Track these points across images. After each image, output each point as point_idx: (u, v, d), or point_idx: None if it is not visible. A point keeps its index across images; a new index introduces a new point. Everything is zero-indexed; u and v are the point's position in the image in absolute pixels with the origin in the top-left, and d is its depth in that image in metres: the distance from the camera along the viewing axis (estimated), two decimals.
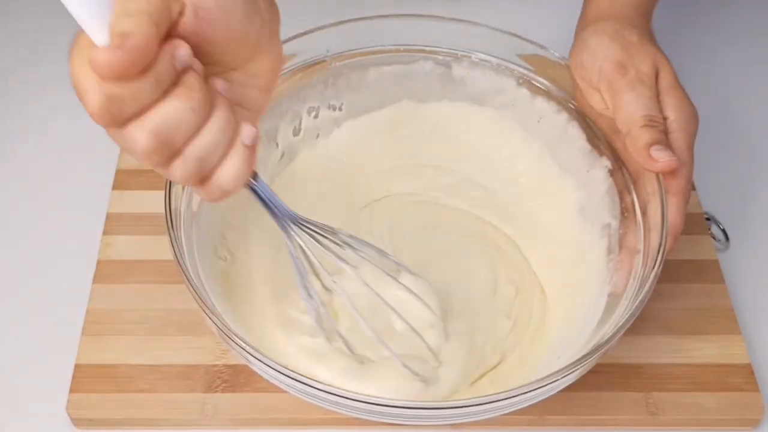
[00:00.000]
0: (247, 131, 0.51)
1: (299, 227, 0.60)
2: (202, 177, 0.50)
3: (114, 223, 0.77)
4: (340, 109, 0.78)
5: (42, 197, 0.81)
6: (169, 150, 0.48)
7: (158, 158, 0.48)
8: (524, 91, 0.76)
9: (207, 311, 0.59)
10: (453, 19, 0.76)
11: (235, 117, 0.50)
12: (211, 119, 0.49)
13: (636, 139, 0.65)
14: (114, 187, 0.79)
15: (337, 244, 0.62)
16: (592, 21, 0.71)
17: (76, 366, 0.68)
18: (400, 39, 0.77)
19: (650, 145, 0.64)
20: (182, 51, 0.47)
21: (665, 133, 0.65)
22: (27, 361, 0.70)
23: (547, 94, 0.76)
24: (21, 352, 0.71)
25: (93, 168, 0.82)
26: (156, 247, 0.74)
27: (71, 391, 0.67)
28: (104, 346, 0.69)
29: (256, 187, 0.57)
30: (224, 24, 0.49)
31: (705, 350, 0.70)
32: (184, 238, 0.64)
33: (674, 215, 0.65)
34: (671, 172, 0.64)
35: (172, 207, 0.63)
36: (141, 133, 0.47)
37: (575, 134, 0.74)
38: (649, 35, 0.71)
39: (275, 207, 0.58)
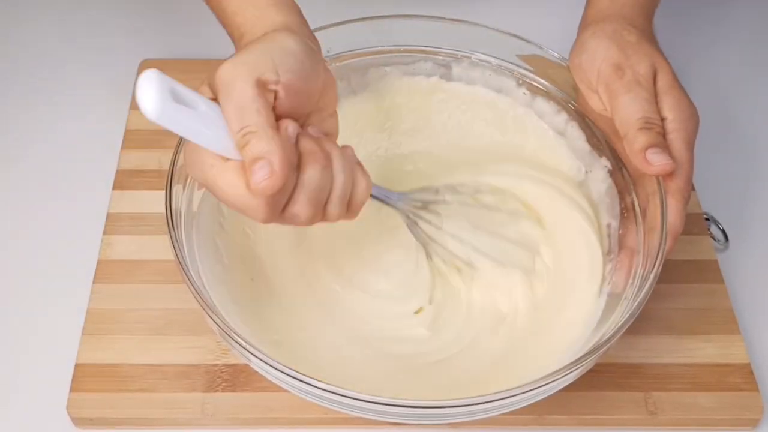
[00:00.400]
0: (352, 152, 0.60)
1: (407, 204, 0.69)
2: (348, 206, 0.59)
3: (114, 223, 0.77)
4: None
5: (42, 197, 0.81)
6: (320, 206, 0.57)
7: (317, 217, 0.57)
8: (524, 92, 0.76)
9: (208, 311, 0.59)
10: (453, 20, 0.76)
11: (340, 148, 0.58)
12: (333, 162, 0.57)
13: (632, 142, 0.65)
14: (114, 187, 0.79)
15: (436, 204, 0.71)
16: (593, 21, 0.71)
17: (77, 365, 0.68)
18: (400, 39, 0.77)
19: (646, 148, 0.64)
20: (291, 128, 0.56)
21: (663, 134, 0.65)
22: (27, 361, 0.71)
23: (547, 95, 0.76)
24: (21, 352, 0.71)
25: (93, 168, 0.82)
26: (156, 247, 0.74)
27: (71, 390, 0.67)
28: (105, 345, 0.69)
29: (372, 192, 0.64)
30: (304, 88, 0.57)
31: (704, 350, 0.70)
32: (185, 238, 0.64)
33: (674, 216, 0.65)
34: (668, 174, 0.64)
35: (173, 207, 0.64)
36: (299, 209, 0.56)
37: (575, 134, 0.75)
38: (649, 35, 0.71)
39: (388, 198, 0.67)
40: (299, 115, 0.58)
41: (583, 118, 0.74)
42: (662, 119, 0.66)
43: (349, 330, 0.69)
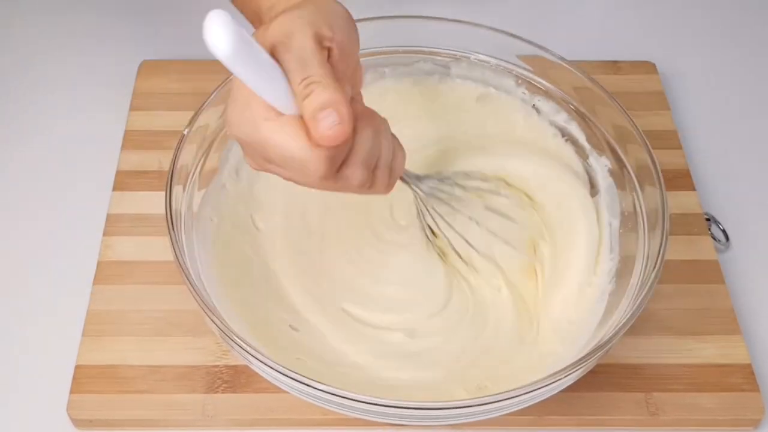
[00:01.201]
0: (388, 124, 0.58)
1: (423, 183, 0.69)
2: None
3: (114, 224, 0.77)
4: None
5: (42, 198, 0.81)
6: (371, 171, 0.56)
7: (369, 181, 0.57)
8: (523, 91, 0.76)
9: (208, 312, 0.59)
10: (452, 20, 0.76)
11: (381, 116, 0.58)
12: (381, 128, 0.57)
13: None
14: (114, 188, 0.79)
15: (450, 187, 0.72)
16: None
17: (77, 367, 0.68)
18: (399, 40, 0.77)
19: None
20: (348, 88, 0.55)
21: None
22: (28, 362, 0.71)
23: (546, 94, 0.76)
24: (22, 353, 0.71)
25: (93, 169, 0.82)
26: (156, 248, 0.74)
27: (72, 391, 0.67)
28: (105, 346, 0.69)
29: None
30: (353, 52, 0.57)
31: (705, 350, 0.70)
32: (185, 239, 0.64)
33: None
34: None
35: (173, 208, 0.64)
36: (354, 171, 0.55)
37: (575, 134, 0.75)
38: None
39: (407, 177, 0.66)
40: (344, 82, 0.56)
41: (582, 117, 0.74)
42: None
43: (352, 331, 0.69)
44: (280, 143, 0.52)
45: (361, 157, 0.55)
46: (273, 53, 0.52)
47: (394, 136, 0.59)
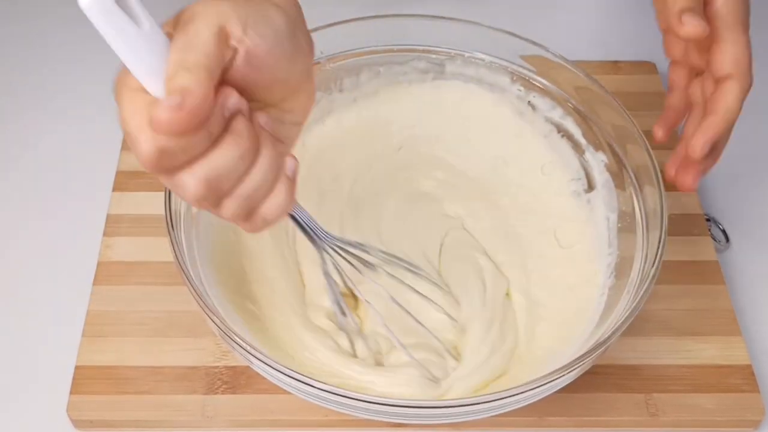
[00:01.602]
0: (290, 164, 0.52)
1: (333, 249, 0.64)
2: (250, 212, 0.51)
3: (114, 225, 0.77)
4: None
5: (42, 199, 0.81)
6: (218, 194, 0.49)
7: (208, 203, 0.50)
8: (518, 88, 0.77)
9: (208, 312, 0.59)
10: (447, 19, 0.76)
11: (279, 155, 0.51)
12: (258, 160, 0.50)
13: (673, 5, 0.62)
14: (114, 189, 0.79)
15: (366, 261, 0.67)
16: None
17: (77, 367, 0.68)
18: (393, 40, 0.77)
19: (684, 10, 0.61)
20: (233, 100, 0.49)
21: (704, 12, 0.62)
22: (27, 363, 0.71)
23: (542, 91, 0.76)
24: (21, 354, 0.71)
25: (93, 170, 0.82)
26: (156, 249, 0.74)
27: (72, 392, 0.67)
28: (105, 347, 0.69)
29: (296, 215, 0.60)
30: (271, 68, 0.50)
31: (705, 351, 0.70)
32: (185, 239, 0.64)
33: (730, 99, 0.62)
34: (698, 39, 0.62)
35: (172, 208, 0.63)
36: (191, 180, 0.48)
37: (571, 130, 0.75)
38: None
39: (313, 232, 0.62)
40: (254, 97, 0.51)
41: (579, 113, 0.74)
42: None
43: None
44: (123, 113, 0.48)
45: (205, 172, 0.48)
46: (173, 32, 0.49)
47: (291, 181, 0.52)
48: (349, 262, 0.66)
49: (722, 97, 0.62)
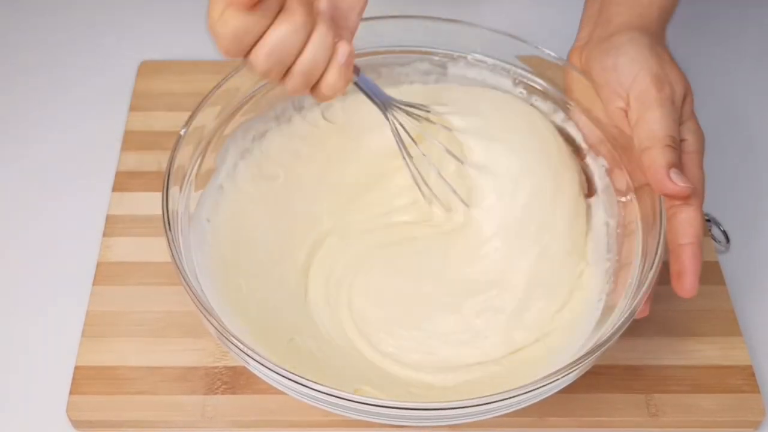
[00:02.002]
0: (342, 50, 0.58)
1: (397, 109, 0.68)
2: (311, 86, 0.59)
3: (114, 225, 0.77)
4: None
5: (42, 199, 0.81)
6: (282, 67, 0.57)
7: (275, 75, 0.57)
8: (520, 91, 0.76)
9: (205, 313, 0.59)
10: (450, 20, 0.76)
11: (332, 35, 0.58)
12: (311, 38, 0.57)
13: (657, 157, 0.65)
14: (114, 189, 0.79)
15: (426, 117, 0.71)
16: (624, 29, 0.71)
17: (76, 368, 0.68)
18: (395, 41, 0.77)
19: (671, 166, 0.64)
20: None
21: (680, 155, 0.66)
22: (27, 363, 0.71)
23: (544, 95, 0.76)
24: (21, 354, 0.71)
25: (93, 170, 0.82)
26: (156, 249, 0.74)
27: (71, 393, 0.67)
28: (104, 347, 0.69)
29: (358, 82, 0.65)
30: None
31: (706, 352, 0.70)
32: (182, 240, 0.64)
33: (696, 226, 0.65)
34: (684, 197, 0.65)
35: (170, 209, 0.63)
36: (257, 57, 0.56)
37: (572, 134, 0.75)
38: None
39: (376, 97, 0.66)
40: None
41: (580, 117, 0.74)
42: (681, 141, 0.67)
43: (352, 329, 0.69)
44: (210, 12, 0.55)
45: (266, 48, 0.56)
46: None
47: (350, 56, 0.59)
48: (410, 119, 0.70)
49: (689, 224, 0.65)
